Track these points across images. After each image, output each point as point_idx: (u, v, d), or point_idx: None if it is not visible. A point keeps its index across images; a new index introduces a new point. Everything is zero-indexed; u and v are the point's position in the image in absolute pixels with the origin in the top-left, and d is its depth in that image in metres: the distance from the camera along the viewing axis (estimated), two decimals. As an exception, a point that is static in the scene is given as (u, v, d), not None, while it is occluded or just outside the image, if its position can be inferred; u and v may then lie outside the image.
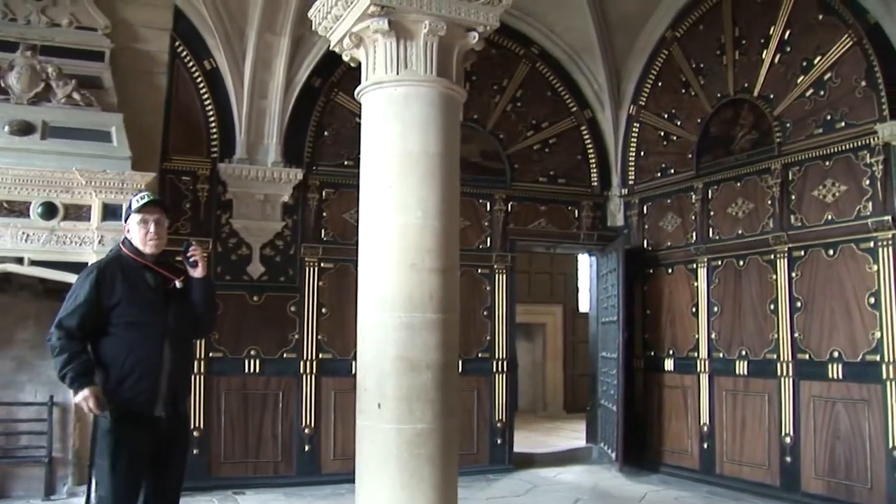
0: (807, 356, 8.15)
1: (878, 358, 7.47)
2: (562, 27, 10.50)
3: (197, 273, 4.25)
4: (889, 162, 7.49)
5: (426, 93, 4.70)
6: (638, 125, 10.56)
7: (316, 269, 9.27)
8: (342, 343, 9.07)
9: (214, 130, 9.05)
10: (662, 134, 10.19)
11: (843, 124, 7.92)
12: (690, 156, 9.69)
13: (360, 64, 5.04)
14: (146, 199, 4.22)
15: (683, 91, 9.89)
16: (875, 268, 7.57)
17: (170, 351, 4.11)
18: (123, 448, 3.93)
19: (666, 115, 10.13)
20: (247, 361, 8.88)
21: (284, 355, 9.07)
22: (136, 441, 3.98)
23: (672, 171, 10.00)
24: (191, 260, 4.24)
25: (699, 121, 9.60)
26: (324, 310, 9.22)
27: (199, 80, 9.03)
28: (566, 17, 10.31)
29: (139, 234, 4.17)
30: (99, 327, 4.03)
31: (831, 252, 7.98)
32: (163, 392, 4.08)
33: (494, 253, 10.11)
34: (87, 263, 6.20)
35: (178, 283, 4.20)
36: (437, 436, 4.49)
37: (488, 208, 10.16)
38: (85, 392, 3.84)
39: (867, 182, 7.67)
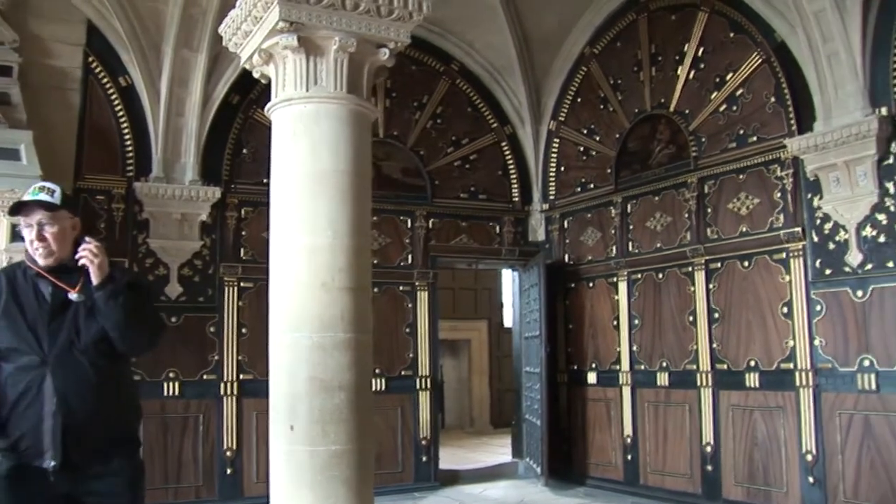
0: (725, 366, 8.31)
1: (791, 366, 7.65)
2: (482, 44, 10.57)
3: (93, 279, 3.23)
4: (798, 175, 7.70)
5: (336, 110, 4.64)
6: (558, 141, 10.67)
7: (235, 288, 9.13)
8: (263, 363, 8.78)
9: (130, 148, 8.85)
10: (582, 149, 10.31)
11: (755, 139, 8.12)
12: (609, 170, 9.82)
13: (270, 80, 4.99)
14: (28, 197, 3.30)
15: (602, 107, 10.03)
16: (787, 278, 7.76)
17: (59, 383, 3.18)
18: None
19: (585, 131, 10.26)
20: (166, 384, 8.68)
21: (204, 377, 8.89)
22: (28, 501, 3.20)
23: (592, 185, 10.11)
24: (79, 262, 3.24)
25: (617, 136, 9.74)
26: (244, 330, 9.08)
27: (114, 96, 8.82)
28: (486, 35, 10.38)
29: (26, 240, 3.34)
30: None
31: (746, 263, 8.16)
32: (49, 437, 3.16)
33: (416, 270, 10.08)
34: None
35: (73, 296, 3.25)
36: (351, 457, 4.42)
37: (409, 225, 10.14)
38: None
39: (778, 195, 7.87)
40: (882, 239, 7.01)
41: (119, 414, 3.42)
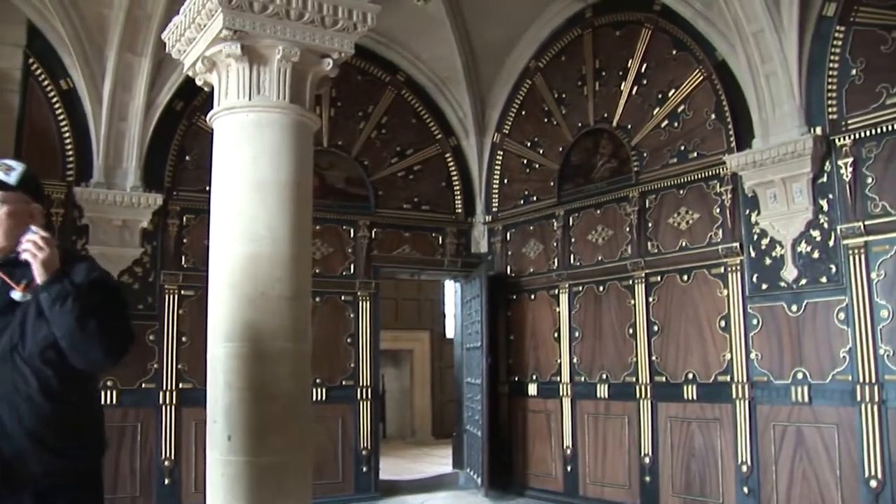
0: (663, 378, 8.41)
1: (728, 378, 7.78)
2: (428, 55, 10.60)
3: (37, 276, 2.71)
4: (737, 191, 7.84)
5: (279, 119, 4.62)
6: (502, 153, 10.73)
7: (176, 296, 9.02)
8: (203, 372, 8.57)
9: (70, 152, 8.69)
10: (525, 162, 10.38)
11: (695, 155, 8.25)
12: (552, 183, 9.90)
13: (213, 88, 4.95)
14: None
15: (546, 120, 10.11)
16: (725, 292, 7.89)
17: None
18: None
19: (529, 144, 10.33)
20: (103, 392, 8.50)
21: (143, 385, 8.75)
22: None
23: (535, 198, 10.18)
24: (21, 256, 2.75)
25: (561, 149, 9.82)
26: (184, 338, 8.96)
27: (55, 99, 8.66)
28: (432, 46, 10.41)
29: None
30: None
31: (685, 277, 8.28)
32: None
33: (358, 280, 10.04)
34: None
35: (15, 294, 2.74)
36: (289, 467, 4.38)
37: (352, 235, 10.10)
38: None
39: (717, 210, 8.01)
40: (816, 255, 7.17)
41: (71, 444, 2.75)
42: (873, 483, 6.57)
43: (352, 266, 10.07)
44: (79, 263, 2.85)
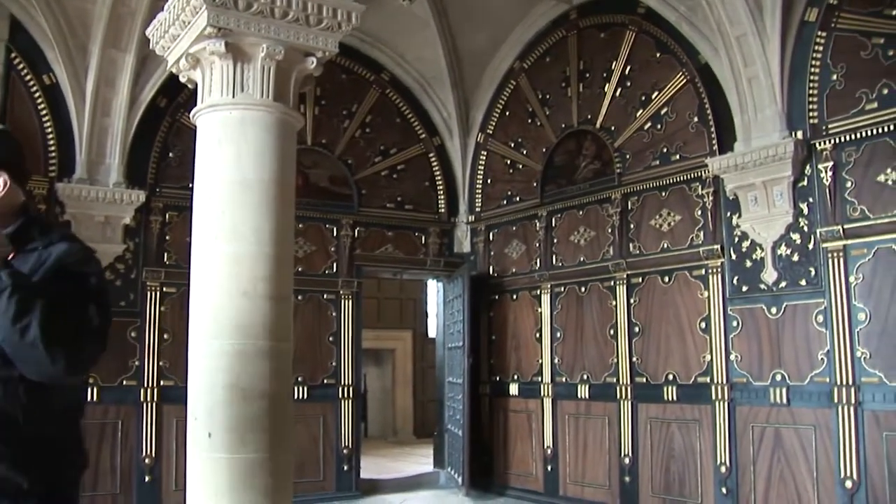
0: (644, 379, 8.45)
1: (708, 380, 7.83)
2: (413, 55, 10.61)
3: None
4: (718, 194, 7.89)
5: (262, 117, 4.63)
6: (485, 153, 10.75)
7: (158, 293, 8.99)
8: (185, 370, 8.58)
9: (53, 148, 8.64)
10: (509, 162, 10.41)
11: (677, 157, 8.30)
12: (535, 184, 9.93)
13: (197, 85, 4.95)
14: None
15: (530, 121, 10.14)
16: (706, 294, 7.94)
17: None
18: None
19: (512, 144, 10.36)
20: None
21: (124, 383, 8.72)
22: None
23: (518, 198, 10.21)
24: None
25: (544, 150, 9.85)
26: (166, 335, 8.94)
27: (38, 94, 8.61)
28: (417, 46, 10.43)
29: None
30: None
31: (667, 279, 8.32)
32: None
33: (341, 278, 10.04)
34: None
35: None
36: (270, 465, 4.39)
37: (335, 233, 10.10)
38: None
39: (699, 212, 8.06)
40: (796, 258, 7.22)
41: (28, 462, 2.27)
42: (849, 484, 6.64)
43: (334, 265, 10.06)
44: (56, 245, 2.35)
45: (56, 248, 2.33)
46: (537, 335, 9.76)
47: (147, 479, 8.71)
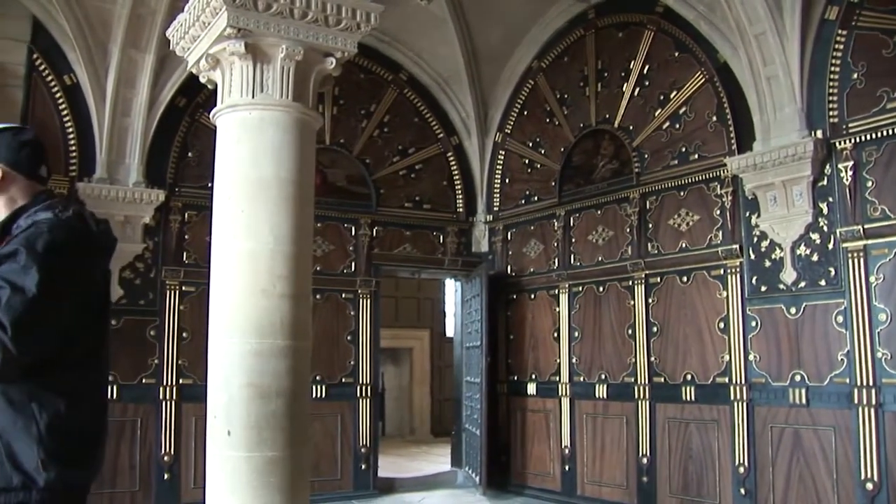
0: (662, 379, 8.43)
1: (726, 380, 7.79)
2: (430, 55, 10.62)
3: None
4: (737, 193, 7.86)
5: (281, 117, 4.65)
6: (503, 153, 10.75)
7: (177, 292, 9.04)
8: (203, 368, 8.65)
9: (73, 148, 8.71)
10: (527, 162, 10.40)
11: (696, 156, 8.27)
12: (553, 184, 9.92)
13: (217, 86, 4.97)
14: None
15: (548, 120, 10.13)
16: (724, 294, 7.90)
17: None
18: None
19: (531, 144, 10.35)
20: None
21: (143, 381, 8.78)
22: None
23: (536, 198, 10.20)
24: None
25: (562, 150, 9.84)
26: (185, 334, 8.98)
27: (59, 94, 8.68)
28: (435, 45, 10.44)
29: None
30: None
31: (685, 279, 8.29)
32: None
33: (359, 278, 10.07)
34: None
35: None
36: (287, 464, 4.41)
37: (353, 233, 10.12)
38: None
39: (718, 212, 8.02)
40: (815, 258, 7.18)
41: (21, 458, 2.20)
42: (869, 486, 6.59)
43: (353, 264, 10.09)
44: (37, 216, 2.30)
45: (34, 219, 2.27)
46: (555, 335, 9.75)
47: (166, 476, 8.76)
